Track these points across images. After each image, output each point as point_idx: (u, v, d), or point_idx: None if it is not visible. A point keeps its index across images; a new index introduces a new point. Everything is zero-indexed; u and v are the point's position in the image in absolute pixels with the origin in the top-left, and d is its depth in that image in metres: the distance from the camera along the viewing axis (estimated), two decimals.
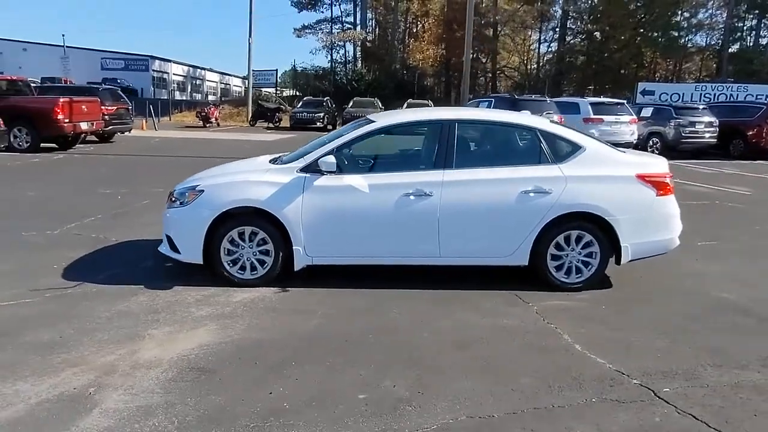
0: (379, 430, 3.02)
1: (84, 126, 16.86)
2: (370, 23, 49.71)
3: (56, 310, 4.57)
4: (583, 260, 5.26)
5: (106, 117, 19.03)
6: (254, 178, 5.27)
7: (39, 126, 15.79)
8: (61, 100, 16.03)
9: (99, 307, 4.65)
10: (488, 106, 17.21)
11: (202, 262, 5.24)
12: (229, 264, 5.22)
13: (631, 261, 5.31)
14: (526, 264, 5.25)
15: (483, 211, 5.13)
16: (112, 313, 4.56)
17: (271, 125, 33.98)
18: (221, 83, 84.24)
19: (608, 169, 5.24)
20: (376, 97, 34.51)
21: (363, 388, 3.46)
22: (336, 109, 34.65)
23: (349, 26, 47.52)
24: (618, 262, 5.28)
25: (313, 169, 5.14)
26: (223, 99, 61.54)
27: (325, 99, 34.93)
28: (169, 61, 67.63)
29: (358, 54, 47.21)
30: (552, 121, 5.58)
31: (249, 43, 39.46)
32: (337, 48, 47.61)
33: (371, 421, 3.11)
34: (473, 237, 5.19)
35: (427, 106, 27.84)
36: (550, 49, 47.84)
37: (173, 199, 5.39)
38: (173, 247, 5.33)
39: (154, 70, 64.17)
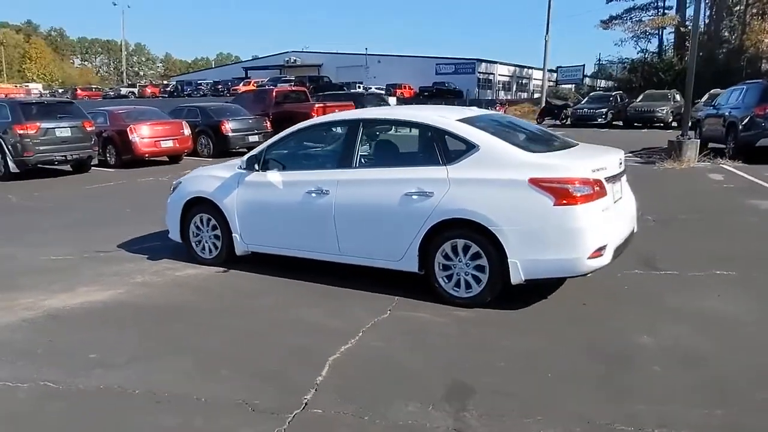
0: (45, 379, 3.66)
1: None
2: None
3: (70, 266, 6.23)
4: (473, 274, 4.66)
5: None
6: (212, 173, 6.13)
7: None
8: (316, 105, 19.09)
9: (94, 268, 6.15)
10: (739, 95, 14.13)
11: (180, 241, 6.34)
12: (195, 244, 6.21)
13: (529, 281, 4.49)
14: (417, 271, 4.91)
15: (370, 211, 5.01)
16: (93, 272, 6.01)
17: (558, 122, 33.17)
18: (549, 81, 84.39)
19: (498, 171, 4.51)
20: (676, 89, 30.40)
21: (104, 353, 4.07)
22: (629, 103, 31.81)
23: (666, 11, 42.64)
24: (509, 280, 4.52)
25: (246, 165, 5.75)
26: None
27: (613, 93, 32.40)
28: (495, 62, 70.79)
29: (672, 41, 42.02)
30: (461, 119, 4.92)
31: (545, 41, 39.33)
32: (648, 37, 43.22)
33: (55, 371, 3.76)
34: (365, 237, 5.10)
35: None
36: None
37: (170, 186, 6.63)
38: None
39: (479, 72, 68.02)
